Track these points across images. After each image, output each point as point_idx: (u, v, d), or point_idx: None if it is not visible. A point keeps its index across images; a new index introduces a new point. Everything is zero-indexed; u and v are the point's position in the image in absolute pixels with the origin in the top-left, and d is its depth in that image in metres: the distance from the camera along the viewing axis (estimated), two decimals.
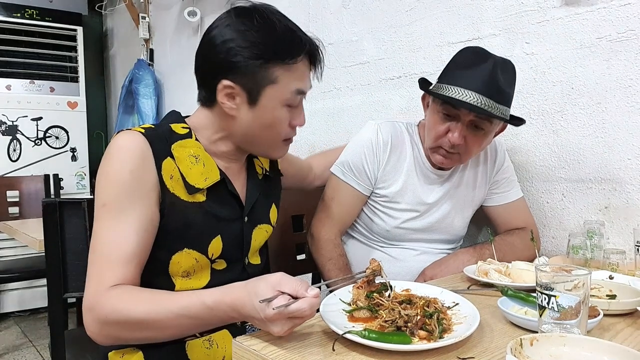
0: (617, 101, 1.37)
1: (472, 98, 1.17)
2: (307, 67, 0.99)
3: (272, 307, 0.72)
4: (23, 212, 2.91)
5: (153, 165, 0.92)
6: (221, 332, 1.01)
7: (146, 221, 0.90)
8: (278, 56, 0.93)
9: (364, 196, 1.40)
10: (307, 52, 0.97)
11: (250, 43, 0.92)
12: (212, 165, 1.01)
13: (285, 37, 0.94)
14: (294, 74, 0.96)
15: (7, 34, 3.43)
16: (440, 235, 1.44)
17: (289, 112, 0.99)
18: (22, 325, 3.19)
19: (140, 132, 0.94)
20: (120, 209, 0.88)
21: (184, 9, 3.03)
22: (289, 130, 1.02)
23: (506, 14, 1.59)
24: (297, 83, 0.97)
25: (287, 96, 0.96)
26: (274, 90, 0.95)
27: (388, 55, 1.97)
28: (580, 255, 1.20)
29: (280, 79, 0.94)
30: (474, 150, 1.29)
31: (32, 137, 3.47)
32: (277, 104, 0.96)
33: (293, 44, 0.95)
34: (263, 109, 0.96)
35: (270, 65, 0.93)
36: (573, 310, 0.72)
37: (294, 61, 0.94)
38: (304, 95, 1.00)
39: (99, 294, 0.84)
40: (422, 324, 0.79)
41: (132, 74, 3.52)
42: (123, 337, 0.85)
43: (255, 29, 0.93)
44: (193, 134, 1.01)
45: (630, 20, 1.33)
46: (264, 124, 0.98)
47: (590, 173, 1.43)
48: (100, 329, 0.84)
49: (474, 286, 1.11)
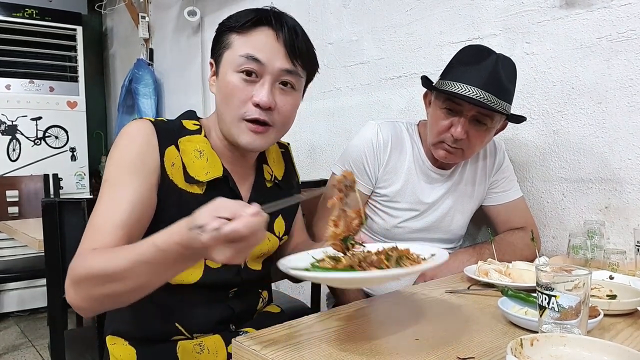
0: (617, 101, 1.37)
1: (475, 93, 1.18)
2: (267, 38, 0.96)
3: (205, 232, 0.66)
4: (22, 211, 2.91)
5: (156, 150, 0.94)
6: (213, 337, 1.01)
7: (142, 196, 0.90)
8: (232, 25, 0.97)
9: (364, 196, 1.40)
10: (259, 18, 0.96)
11: (223, 22, 1.00)
12: (217, 161, 1.01)
13: (246, 10, 0.99)
14: (249, 40, 0.96)
15: (6, 34, 3.43)
16: (440, 235, 1.44)
17: (246, 84, 0.95)
18: (22, 325, 3.19)
19: (149, 121, 0.97)
20: (118, 183, 0.89)
21: (184, 8, 3.03)
22: (248, 107, 0.95)
23: (506, 14, 1.59)
24: (248, 48, 0.95)
25: (237, 60, 0.95)
26: (227, 54, 0.97)
27: (388, 55, 1.97)
28: (580, 255, 1.20)
29: (234, 43, 0.97)
30: (476, 145, 1.29)
31: (31, 136, 3.47)
32: (229, 69, 0.96)
33: (248, 12, 0.98)
34: (221, 77, 0.98)
35: (228, 32, 0.98)
36: (573, 311, 0.72)
37: (247, 28, 0.96)
38: (258, 63, 0.94)
39: (76, 258, 0.83)
40: (379, 264, 0.78)
41: (132, 74, 3.52)
42: (93, 294, 0.81)
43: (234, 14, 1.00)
44: (203, 131, 1.03)
45: (630, 20, 1.33)
46: (222, 95, 0.98)
47: (591, 173, 1.43)
48: (74, 291, 0.82)
49: (474, 286, 1.10)
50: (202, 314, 1.01)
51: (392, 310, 0.95)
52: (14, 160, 3.40)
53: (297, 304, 1.76)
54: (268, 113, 0.96)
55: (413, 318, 0.90)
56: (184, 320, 1.00)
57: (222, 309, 1.04)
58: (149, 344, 1.00)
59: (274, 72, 0.96)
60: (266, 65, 0.95)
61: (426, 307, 0.97)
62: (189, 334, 1.01)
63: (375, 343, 0.77)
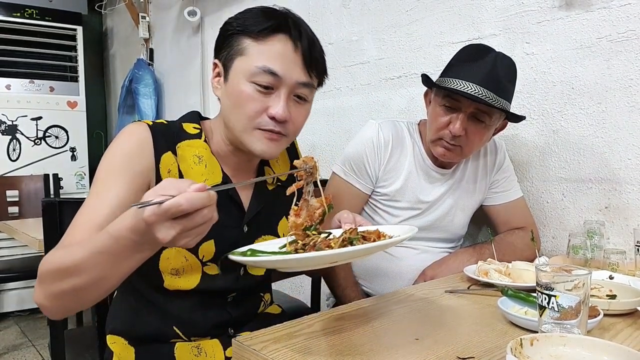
0: (617, 101, 1.37)
1: (473, 89, 1.18)
2: (285, 48, 0.92)
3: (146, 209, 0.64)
4: (22, 211, 2.91)
5: (151, 156, 0.92)
6: (211, 340, 1.01)
7: (125, 200, 0.86)
8: (247, 27, 0.92)
9: (365, 195, 1.40)
10: (278, 25, 0.91)
11: (231, 20, 0.95)
12: (216, 167, 0.99)
13: (259, 10, 0.94)
14: (265, 49, 0.91)
15: (7, 34, 3.43)
16: (441, 234, 1.44)
17: (260, 94, 0.92)
18: (22, 324, 3.19)
19: (146, 124, 0.95)
20: (103, 185, 0.88)
21: (184, 8, 3.03)
22: (262, 118, 0.93)
23: (506, 14, 1.59)
24: (265, 60, 0.90)
25: (252, 70, 0.90)
26: (241, 61, 0.92)
27: (388, 55, 1.97)
28: (580, 255, 1.20)
29: (248, 50, 0.91)
30: (475, 143, 1.29)
31: (31, 136, 3.47)
32: (242, 78, 0.92)
33: (263, 15, 0.92)
34: (231, 83, 0.93)
35: (241, 36, 0.92)
36: (573, 310, 0.72)
37: (264, 35, 0.90)
38: (275, 76, 0.91)
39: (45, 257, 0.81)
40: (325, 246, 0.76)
41: (132, 74, 3.52)
42: (54, 290, 0.79)
43: (243, 12, 0.95)
44: (203, 135, 1.00)
45: (630, 21, 1.33)
46: (232, 102, 0.93)
47: (590, 173, 1.43)
48: (39, 288, 0.80)
49: (474, 286, 1.10)
50: (199, 319, 1.01)
51: (392, 310, 0.95)
52: (14, 160, 3.40)
53: (297, 304, 1.76)
54: (282, 125, 0.94)
55: (413, 318, 0.90)
56: (181, 324, 1.00)
57: (220, 314, 1.03)
58: (147, 344, 1.00)
59: (290, 85, 0.92)
60: (283, 78, 0.91)
61: (426, 307, 0.97)
62: (187, 337, 1.00)
63: (375, 343, 0.77)
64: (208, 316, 1.01)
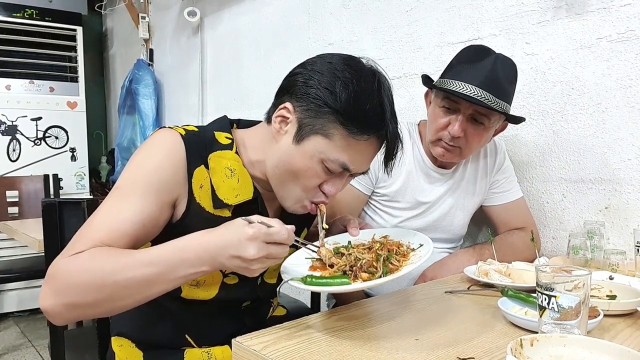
0: (617, 101, 1.37)
1: (473, 91, 1.18)
2: (371, 150, 0.92)
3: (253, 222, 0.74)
4: (22, 212, 2.92)
5: (183, 171, 0.89)
6: (222, 347, 1.00)
7: (146, 217, 0.84)
8: (345, 118, 0.86)
9: (365, 196, 1.40)
10: (378, 136, 0.89)
11: (332, 88, 0.86)
12: (248, 182, 0.96)
13: (365, 108, 0.86)
14: (351, 146, 0.88)
15: (6, 34, 3.43)
16: (441, 234, 1.44)
17: (325, 174, 0.90)
18: (22, 325, 3.19)
19: (180, 134, 0.91)
20: (128, 194, 0.84)
21: (184, 9, 3.03)
22: (316, 192, 0.92)
23: (506, 14, 1.59)
24: (347, 157, 0.88)
25: (329, 158, 0.88)
26: (321, 143, 0.87)
27: (388, 56, 1.97)
28: (580, 256, 1.20)
29: (334, 139, 0.87)
30: (474, 144, 1.29)
31: (31, 137, 3.47)
32: (315, 157, 0.88)
33: (367, 117, 0.87)
34: (301, 152, 0.89)
35: (334, 119, 0.86)
36: (573, 311, 0.72)
37: (356, 135, 0.86)
38: (348, 172, 0.91)
39: (59, 260, 0.78)
40: (368, 267, 0.83)
41: (132, 74, 3.52)
42: (78, 301, 0.76)
43: (347, 80, 0.86)
44: (234, 147, 0.96)
45: (630, 21, 1.33)
46: (292, 168, 0.90)
47: (590, 173, 1.43)
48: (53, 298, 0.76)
49: (474, 286, 1.10)
50: (214, 329, 1.00)
51: (392, 310, 0.95)
52: (14, 160, 3.40)
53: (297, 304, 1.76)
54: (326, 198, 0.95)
55: (413, 318, 0.90)
56: (194, 332, 0.99)
57: (234, 322, 1.02)
58: (156, 349, 0.99)
59: (354, 174, 0.95)
60: (353, 171, 0.92)
61: (426, 307, 0.97)
62: (198, 345, 1.00)
63: (375, 343, 0.77)
64: (223, 325, 1.01)
